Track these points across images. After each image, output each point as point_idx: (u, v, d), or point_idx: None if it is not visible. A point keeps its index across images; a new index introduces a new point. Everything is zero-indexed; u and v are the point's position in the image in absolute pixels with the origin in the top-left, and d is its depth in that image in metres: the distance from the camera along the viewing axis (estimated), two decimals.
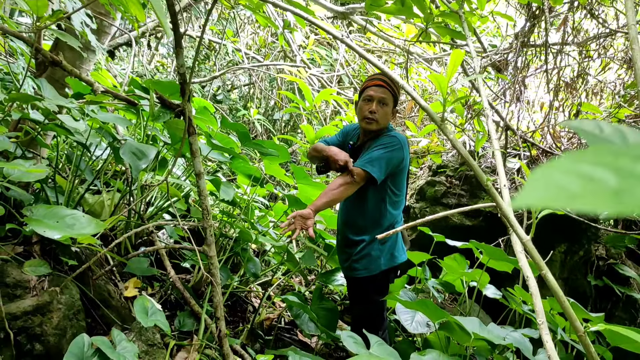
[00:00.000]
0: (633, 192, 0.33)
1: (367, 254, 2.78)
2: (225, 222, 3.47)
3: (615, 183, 0.34)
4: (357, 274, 2.81)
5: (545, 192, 0.34)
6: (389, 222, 2.78)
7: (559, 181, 0.35)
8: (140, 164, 2.25)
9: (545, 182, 0.35)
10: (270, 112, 8.89)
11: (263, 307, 3.44)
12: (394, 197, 2.77)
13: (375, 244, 2.77)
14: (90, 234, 1.95)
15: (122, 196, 3.01)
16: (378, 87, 2.72)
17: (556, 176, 0.35)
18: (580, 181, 0.34)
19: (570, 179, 0.34)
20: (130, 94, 2.43)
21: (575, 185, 0.34)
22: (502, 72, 4.36)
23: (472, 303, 3.61)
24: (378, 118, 2.71)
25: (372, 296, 2.81)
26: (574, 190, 0.33)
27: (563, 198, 0.33)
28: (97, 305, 2.37)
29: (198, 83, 7.31)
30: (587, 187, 0.34)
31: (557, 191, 0.34)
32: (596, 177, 0.35)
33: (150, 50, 8.32)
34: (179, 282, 2.80)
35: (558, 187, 0.34)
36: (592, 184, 0.34)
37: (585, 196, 0.33)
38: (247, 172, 3.46)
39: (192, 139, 2.22)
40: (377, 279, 2.78)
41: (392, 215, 2.79)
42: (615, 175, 0.35)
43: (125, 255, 2.79)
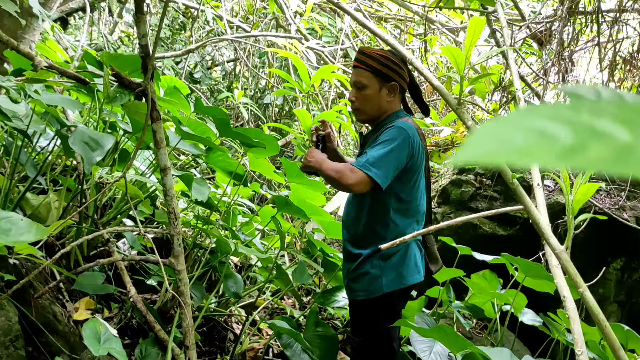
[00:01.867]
0: (587, 148, 0.35)
1: (365, 272, 2.72)
2: (200, 229, 3.49)
3: (570, 139, 0.36)
4: (354, 295, 2.78)
5: (488, 146, 0.36)
6: (394, 234, 2.67)
7: (505, 135, 0.36)
8: (93, 156, 2.27)
9: (490, 136, 0.37)
10: (260, 94, 8.91)
11: (246, 334, 3.45)
12: (400, 203, 2.69)
13: (375, 259, 2.71)
14: (31, 241, 1.97)
15: (72, 196, 3.03)
16: (353, 70, 2.75)
17: (503, 130, 0.37)
18: (529, 135, 0.36)
19: (518, 133, 0.36)
20: (81, 71, 2.44)
21: (522, 139, 0.36)
22: (545, 45, 4.37)
23: (505, 331, 3.62)
24: (358, 106, 2.74)
25: (373, 325, 2.77)
26: (520, 144, 0.35)
27: (507, 152, 0.35)
28: (39, 330, 2.39)
29: (170, 57, 7.33)
30: (535, 141, 0.36)
31: (501, 145, 0.36)
32: (548, 131, 0.36)
33: (112, 17, 8.35)
34: (142, 303, 2.81)
35: (503, 141, 0.36)
36: (542, 139, 0.36)
37: (533, 151, 0.35)
38: (227, 167, 3.48)
39: (156, 125, 2.24)
40: (379, 304, 2.71)
41: (397, 226, 2.69)
42: (570, 130, 0.37)
43: (75, 268, 2.81)
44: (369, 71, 2.68)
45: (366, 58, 2.69)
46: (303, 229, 4.21)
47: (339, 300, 3.49)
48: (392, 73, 2.70)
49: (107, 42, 7.31)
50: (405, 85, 2.76)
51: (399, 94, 2.77)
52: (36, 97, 2.47)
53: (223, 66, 9.24)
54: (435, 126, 4.95)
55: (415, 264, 2.73)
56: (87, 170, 2.39)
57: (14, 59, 2.82)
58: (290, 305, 4.47)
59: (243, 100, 7.09)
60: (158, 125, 2.24)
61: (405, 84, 2.76)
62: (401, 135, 2.57)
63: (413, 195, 2.72)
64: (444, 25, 5.63)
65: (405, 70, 2.74)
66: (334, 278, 3.58)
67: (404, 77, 2.74)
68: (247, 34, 6.69)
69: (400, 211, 2.71)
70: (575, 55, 4.45)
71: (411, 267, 2.72)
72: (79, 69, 2.52)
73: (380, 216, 2.71)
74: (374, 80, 2.69)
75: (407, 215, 2.72)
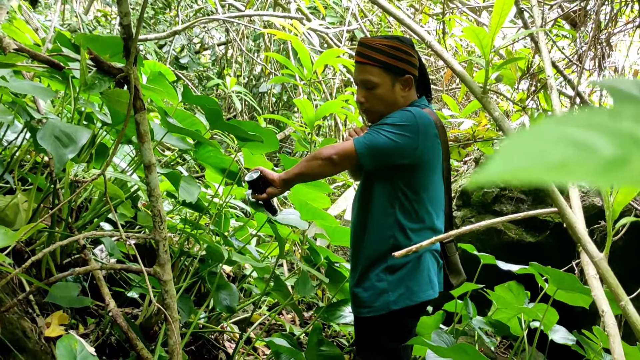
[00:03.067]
0: (629, 161, 0.34)
1: (369, 286, 2.67)
2: (189, 234, 3.49)
3: (610, 150, 0.35)
4: (358, 312, 2.75)
5: (519, 161, 0.35)
6: (400, 240, 2.62)
7: (537, 147, 0.36)
8: (66, 154, 2.26)
9: (520, 149, 0.36)
10: (255, 82, 8.93)
11: (240, 354, 3.46)
12: (408, 204, 2.62)
13: (379, 270, 2.66)
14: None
15: (43, 197, 3.03)
16: (357, 66, 2.70)
17: (535, 142, 0.36)
18: (564, 147, 0.35)
19: (552, 145, 0.36)
20: (54, 54, 2.45)
21: (557, 152, 0.35)
22: (580, 27, 4.36)
23: (533, 351, 3.62)
24: (370, 107, 2.71)
25: (379, 344, 2.71)
26: (555, 158, 0.35)
27: (541, 168, 0.34)
28: (6, 348, 2.39)
29: (153, 40, 7.33)
30: (572, 154, 0.35)
31: (533, 159, 0.35)
32: (585, 142, 0.36)
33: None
34: (122, 318, 2.81)
35: (535, 155, 0.35)
36: (579, 151, 0.35)
37: (570, 166, 0.34)
38: (219, 164, 3.48)
39: (140, 116, 2.24)
40: (385, 322, 2.66)
41: (404, 230, 2.63)
42: (611, 140, 0.36)
43: (47, 278, 2.81)
44: (378, 66, 2.60)
45: (371, 51, 2.61)
46: (304, 234, 4.21)
47: (345, 316, 3.49)
48: (404, 64, 2.63)
49: (81, 22, 7.31)
50: (416, 70, 2.69)
51: (414, 85, 2.71)
52: (3, 84, 2.46)
53: (213, 50, 9.25)
54: (454, 118, 4.94)
55: (429, 278, 2.64)
56: (57, 170, 2.40)
57: None
58: (290, 321, 4.48)
59: (236, 89, 7.10)
60: (142, 116, 2.24)
61: (415, 70, 2.69)
62: (408, 120, 2.53)
63: (423, 195, 2.64)
64: (464, 3, 5.64)
65: (416, 57, 2.68)
66: (340, 290, 3.57)
67: (416, 64, 2.69)
68: (240, 13, 6.70)
69: (409, 213, 2.64)
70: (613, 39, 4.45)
71: (424, 282, 2.63)
72: (52, 52, 2.52)
73: (385, 216, 2.67)
74: (384, 76, 2.62)
75: (416, 218, 2.65)
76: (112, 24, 8.69)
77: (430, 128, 2.57)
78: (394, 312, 2.61)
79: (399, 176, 2.61)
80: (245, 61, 8.76)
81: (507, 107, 6.09)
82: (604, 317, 1.52)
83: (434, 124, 2.61)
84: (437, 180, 2.69)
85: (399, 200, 2.63)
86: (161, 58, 8.07)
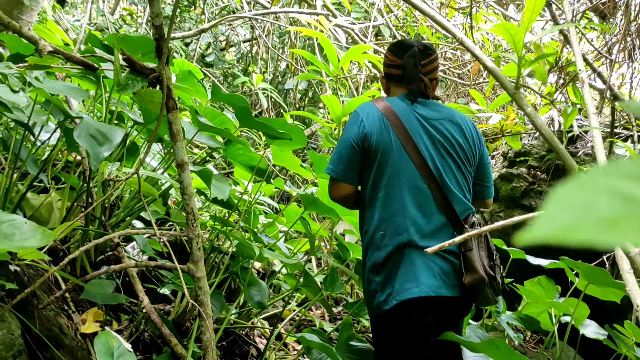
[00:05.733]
0: None
1: (365, 288, 2.76)
2: (219, 231, 3.53)
3: None
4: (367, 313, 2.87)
5: (568, 217, 0.34)
6: (366, 229, 2.73)
7: (585, 201, 0.35)
8: (101, 151, 2.30)
9: (568, 204, 0.35)
10: (280, 79, 8.95)
11: (271, 349, 3.49)
12: (363, 191, 2.76)
13: (367, 271, 2.70)
14: (37, 246, 2.01)
15: (77, 196, 3.08)
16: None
17: (583, 195, 0.36)
18: (613, 202, 0.35)
19: (600, 199, 0.35)
20: (87, 55, 2.49)
21: (606, 208, 0.34)
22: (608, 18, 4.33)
23: (564, 346, 3.61)
24: None
25: (384, 345, 2.70)
26: (604, 213, 0.34)
27: (590, 225, 0.33)
28: (44, 344, 2.44)
29: (180, 39, 7.39)
30: (620, 209, 0.34)
31: (582, 216, 0.34)
32: (632, 195, 0.35)
33: None
34: (156, 314, 2.86)
35: (584, 209, 0.34)
36: (629, 206, 0.34)
37: (620, 223, 0.33)
38: (248, 162, 3.51)
39: (173, 115, 2.27)
40: (383, 323, 2.66)
41: (364, 219, 2.77)
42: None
43: (82, 276, 2.86)
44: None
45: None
46: (333, 230, 4.23)
47: None
48: (382, 67, 2.92)
49: (108, 22, 7.39)
50: (392, 69, 2.85)
51: (391, 84, 2.91)
52: (38, 86, 2.51)
53: (238, 47, 9.29)
54: (482, 112, 4.93)
55: (414, 275, 2.55)
56: (94, 167, 2.43)
57: (10, 42, 2.87)
58: (319, 316, 4.51)
59: (262, 86, 7.12)
60: (174, 116, 2.27)
61: (391, 68, 2.86)
62: (349, 118, 2.72)
63: (372, 182, 2.69)
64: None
65: (388, 54, 2.87)
66: None
67: (386, 61, 2.89)
68: (266, 10, 6.72)
69: (365, 200, 2.74)
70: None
71: (407, 279, 2.56)
72: (84, 53, 2.57)
73: (361, 213, 2.81)
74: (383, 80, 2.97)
75: (371, 205, 2.70)
76: (138, 22, 8.76)
77: (369, 114, 2.69)
78: (389, 312, 2.57)
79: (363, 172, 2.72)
80: (271, 58, 8.79)
81: (535, 100, 6.06)
82: (638, 312, 1.52)
83: (374, 108, 2.71)
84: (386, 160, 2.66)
85: (364, 193, 2.74)
86: (187, 55, 8.13)
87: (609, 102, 4.48)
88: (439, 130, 2.71)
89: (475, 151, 2.81)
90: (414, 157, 2.64)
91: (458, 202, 2.66)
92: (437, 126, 2.72)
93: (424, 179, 2.63)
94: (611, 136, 4.43)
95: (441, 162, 2.67)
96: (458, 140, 2.73)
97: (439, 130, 2.71)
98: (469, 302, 2.70)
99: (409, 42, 2.85)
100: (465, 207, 2.68)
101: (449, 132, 2.72)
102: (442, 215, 2.64)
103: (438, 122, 2.74)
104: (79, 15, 8.27)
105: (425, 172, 2.64)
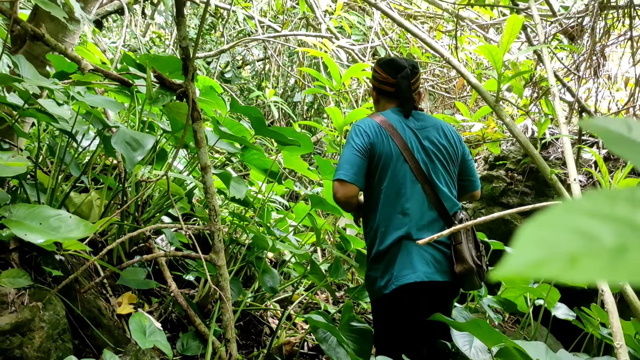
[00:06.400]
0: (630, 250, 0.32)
1: (367, 275, 2.81)
2: (237, 225, 3.54)
3: (611, 239, 0.33)
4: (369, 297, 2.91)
5: (539, 252, 0.33)
6: (370, 226, 2.79)
7: (549, 238, 0.34)
8: (135, 156, 2.32)
9: (537, 240, 0.34)
10: (289, 93, 8.97)
11: (282, 328, 3.49)
12: (366, 195, 2.82)
13: (369, 260, 2.78)
14: (79, 237, 2.03)
15: (113, 195, 3.10)
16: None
17: (547, 232, 0.35)
18: (573, 238, 0.34)
19: (562, 236, 0.34)
20: (123, 73, 2.50)
21: (567, 244, 0.33)
22: (576, 40, 4.33)
23: (538, 326, 3.61)
24: None
25: (383, 325, 2.76)
26: (565, 249, 0.33)
27: (555, 261, 0.32)
28: (85, 324, 2.45)
29: (202, 58, 7.41)
30: (580, 246, 0.33)
31: (552, 252, 0.33)
32: (591, 232, 0.34)
33: (145, 19, 8.46)
34: (182, 298, 2.87)
35: (548, 246, 0.34)
36: (586, 242, 0.33)
37: (580, 259, 0.32)
38: (262, 165, 3.53)
39: (197, 125, 2.29)
40: (383, 305, 2.72)
41: (367, 219, 2.82)
42: (611, 228, 0.34)
43: (118, 265, 2.88)
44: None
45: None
46: (336, 224, 4.24)
47: None
48: (373, 81, 2.94)
49: (140, 43, 7.41)
50: (384, 85, 2.86)
51: (381, 98, 2.92)
52: (80, 99, 2.53)
53: (253, 65, 9.31)
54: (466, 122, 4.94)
55: (410, 263, 2.60)
56: (129, 170, 2.45)
57: (56, 62, 2.89)
58: (324, 300, 4.51)
59: (273, 99, 7.14)
60: (199, 125, 2.28)
61: (383, 85, 2.86)
62: (351, 131, 2.73)
63: (377, 185, 2.73)
64: (474, 22, 5.61)
65: (379, 71, 2.86)
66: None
67: (377, 77, 2.88)
68: (278, 33, 6.73)
69: (366, 200, 2.81)
70: (607, 50, 4.41)
71: (404, 266, 2.62)
72: (120, 71, 2.58)
73: (366, 207, 2.83)
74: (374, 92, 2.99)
75: (371, 205, 2.76)
76: (166, 44, 8.78)
77: (368, 126, 2.72)
78: (388, 295, 2.63)
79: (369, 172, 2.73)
80: (281, 74, 8.80)
81: (512, 111, 6.06)
82: (603, 296, 1.53)
83: (372, 122, 2.75)
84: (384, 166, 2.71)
85: (366, 196, 2.80)
86: (209, 73, 8.15)
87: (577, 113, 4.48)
88: (427, 137, 2.77)
89: (458, 152, 2.86)
90: (411, 162, 2.69)
91: (447, 199, 2.72)
92: (426, 134, 2.77)
93: (418, 181, 2.69)
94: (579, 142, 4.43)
95: (431, 165, 2.73)
96: (443, 144, 2.78)
97: (427, 137, 2.77)
98: (458, 286, 2.77)
99: (400, 63, 2.84)
100: (453, 204, 2.74)
101: (435, 138, 2.78)
102: (434, 211, 2.69)
103: (425, 130, 2.79)
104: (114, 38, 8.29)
105: (420, 174, 2.69)
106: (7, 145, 2.79)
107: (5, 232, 2.23)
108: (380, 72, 2.86)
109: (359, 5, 7.68)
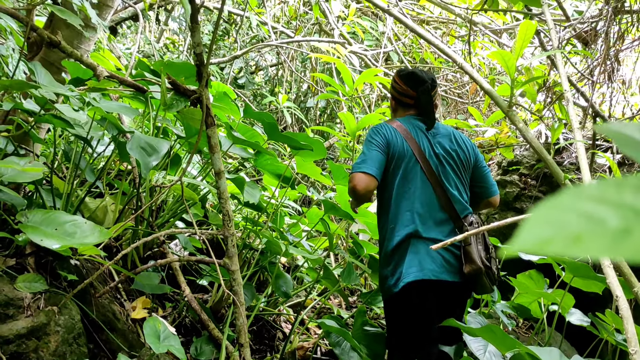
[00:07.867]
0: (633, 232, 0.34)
1: (379, 275, 2.86)
2: (250, 230, 3.55)
3: (616, 223, 0.35)
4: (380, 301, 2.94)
5: (544, 232, 0.36)
6: (382, 224, 2.83)
7: (558, 219, 0.37)
8: (150, 161, 2.33)
9: (546, 220, 0.37)
10: (302, 98, 8.98)
11: (295, 333, 3.49)
12: (379, 193, 2.86)
13: (381, 259, 2.83)
14: (94, 243, 2.05)
15: (128, 200, 3.12)
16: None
17: (556, 214, 0.38)
18: (580, 221, 0.36)
19: (570, 218, 0.37)
20: (137, 79, 2.52)
21: (574, 225, 0.36)
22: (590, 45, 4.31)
23: (552, 331, 3.59)
24: None
25: (395, 324, 2.79)
26: (573, 230, 0.36)
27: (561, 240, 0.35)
28: (100, 328, 2.47)
29: (216, 64, 7.44)
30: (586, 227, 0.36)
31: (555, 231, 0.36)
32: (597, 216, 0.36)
33: (159, 25, 8.51)
34: (196, 302, 2.88)
35: (557, 226, 0.36)
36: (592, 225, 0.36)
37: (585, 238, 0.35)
38: (275, 170, 3.53)
39: (211, 131, 2.30)
40: (393, 304, 2.76)
41: (380, 216, 2.86)
42: (616, 213, 0.36)
43: (133, 269, 2.89)
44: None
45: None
46: (349, 230, 4.24)
47: None
48: (392, 91, 2.99)
49: (154, 49, 7.45)
50: (405, 97, 2.92)
51: (399, 107, 2.97)
52: (95, 105, 2.55)
53: (266, 71, 9.33)
54: (479, 127, 4.92)
55: (418, 262, 2.64)
56: (144, 175, 2.47)
57: (71, 68, 2.91)
58: (337, 305, 4.51)
59: (286, 104, 7.15)
60: (212, 131, 2.29)
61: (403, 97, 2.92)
62: (369, 132, 2.80)
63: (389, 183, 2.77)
64: (487, 27, 5.60)
65: (400, 83, 2.92)
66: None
67: (397, 89, 2.94)
68: (290, 39, 6.75)
69: (380, 201, 2.86)
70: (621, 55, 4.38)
71: (412, 264, 2.65)
72: (135, 77, 2.60)
73: (379, 208, 2.87)
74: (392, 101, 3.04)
75: (385, 207, 2.80)
76: (179, 50, 8.82)
77: (386, 128, 2.80)
78: (398, 294, 2.66)
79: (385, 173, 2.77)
80: (294, 80, 8.82)
81: (526, 116, 6.03)
82: (617, 302, 1.52)
83: (390, 126, 2.82)
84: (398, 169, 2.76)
85: (380, 195, 2.85)
86: (222, 78, 8.18)
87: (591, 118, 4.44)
88: (439, 143, 2.83)
89: (470, 158, 2.90)
90: (423, 164, 2.75)
91: (457, 202, 2.76)
92: (438, 140, 2.84)
93: (430, 182, 2.74)
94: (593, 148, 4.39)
95: (442, 168, 2.79)
96: (455, 149, 2.84)
97: (440, 142, 2.83)
98: (468, 289, 2.78)
99: (421, 76, 2.89)
100: (463, 207, 2.78)
101: (448, 144, 2.84)
102: (444, 213, 2.74)
103: (439, 136, 2.85)
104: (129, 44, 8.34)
105: (431, 176, 2.75)
106: (23, 151, 2.81)
107: (21, 237, 2.25)
108: (401, 84, 2.91)
109: (371, 10, 7.68)
